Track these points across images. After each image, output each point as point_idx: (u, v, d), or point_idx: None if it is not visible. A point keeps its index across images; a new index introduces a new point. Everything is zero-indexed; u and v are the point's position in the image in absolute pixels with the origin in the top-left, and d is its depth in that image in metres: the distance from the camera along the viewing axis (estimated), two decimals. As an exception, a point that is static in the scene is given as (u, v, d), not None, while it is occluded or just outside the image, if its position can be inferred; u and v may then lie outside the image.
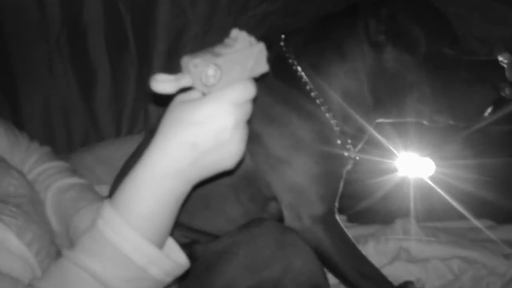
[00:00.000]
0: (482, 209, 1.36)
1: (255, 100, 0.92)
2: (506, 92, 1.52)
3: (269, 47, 0.98)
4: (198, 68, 0.56)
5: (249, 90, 0.59)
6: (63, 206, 0.91)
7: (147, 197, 0.59)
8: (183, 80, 0.57)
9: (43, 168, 0.96)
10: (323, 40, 0.94)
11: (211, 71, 0.56)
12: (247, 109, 0.60)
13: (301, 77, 0.94)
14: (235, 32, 0.61)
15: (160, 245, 0.62)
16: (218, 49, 0.59)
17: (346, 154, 0.98)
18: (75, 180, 0.96)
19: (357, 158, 1.02)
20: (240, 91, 0.58)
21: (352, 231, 1.32)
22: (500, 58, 1.49)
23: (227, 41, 0.60)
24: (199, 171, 0.60)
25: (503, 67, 1.50)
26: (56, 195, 0.92)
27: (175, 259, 0.62)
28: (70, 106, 1.35)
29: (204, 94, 0.58)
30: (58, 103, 1.34)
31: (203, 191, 0.96)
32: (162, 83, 0.56)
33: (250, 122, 0.62)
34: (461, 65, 0.90)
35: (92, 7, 1.26)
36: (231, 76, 0.58)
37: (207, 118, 0.57)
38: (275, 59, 0.95)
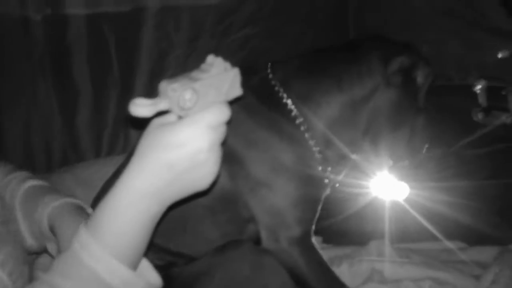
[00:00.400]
0: (454, 230, 1.40)
1: (239, 124, 0.95)
2: (479, 117, 1.58)
3: (254, 73, 1.02)
4: (176, 92, 0.58)
5: (224, 113, 0.62)
6: (28, 210, 0.92)
7: (123, 219, 0.61)
8: (161, 104, 0.59)
9: (5, 181, 0.97)
10: (317, 71, 0.98)
11: (188, 95, 0.59)
12: (222, 131, 0.63)
13: (286, 104, 0.97)
14: (211, 58, 0.64)
15: (135, 266, 0.63)
16: (195, 74, 0.62)
17: (326, 180, 1.01)
18: (33, 182, 0.96)
19: (337, 185, 1.05)
20: (215, 114, 0.61)
21: (328, 252, 1.35)
22: (474, 85, 1.55)
23: (203, 66, 0.63)
24: (174, 192, 0.62)
25: (476, 93, 1.56)
26: (21, 203, 0.93)
27: (148, 279, 0.64)
28: (51, 126, 1.35)
29: (180, 117, 0.61)
30: (39, 123, 1.34)
31: (180, 213, 0.99)
32: (140, 107, 0.59)
33: (225, 143, 0.65)
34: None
35: (76, 28, 1.28)
36: (207, 99, 0.60)
37: (184, 140, 0.59)
38: (261, 85, 0.98)
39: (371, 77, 0.94)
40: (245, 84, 0.98)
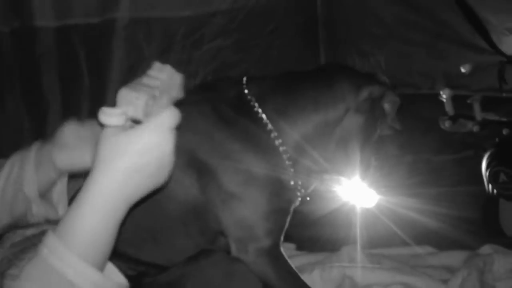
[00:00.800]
0: (424, 236, 1.43)
1: (214, 136, 0.96)
2: (446, 125, 1.62)
3: (229, 87, 1.04)
4: (140, 100, 0.62)
5: (178, 116, 0.65)
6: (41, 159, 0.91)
7: (91, 224, 0.62)
8: (129, 112, 0.62)
9: None
10: (294, 91, 1.02)
11: (150, 101, 0.62)
12: (175, 133, 0.65)
13: (261, 118, 0.99)
14: (158, 65, 0.67)
15: (102, 268, 0.64)
16: (146, 80, 0.65)
17: (297, 193, 1.03)
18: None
19: (308, 199, 1.07)
20: (173, 118, 0.64)
21: (300, 259, 1.36)
22: (440, 93, 1.60)
23: (151, 72, 0.67)
24: (139, 193, 0.65)
25: (442, 102, 1.60)
26: (35, 158, 0.92)
27: (117, 281, 0.66)
28: (20, 136, 1.34)
29: (133, 124, 0.63)
30: (8, 134, 1.33)
31: (152, 224, 0.99)
32: (112, 117, 0.61)
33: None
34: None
35: (46, 40, 1.28)
36: (162, 103, 0.64)
37: (152, 145, 0.62)
38: (236, 99, 1.00)
39: (343, 102, 1.00)
40: (220, 96, 1.01)
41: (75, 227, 0.62)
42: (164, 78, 0.66)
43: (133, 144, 0.62)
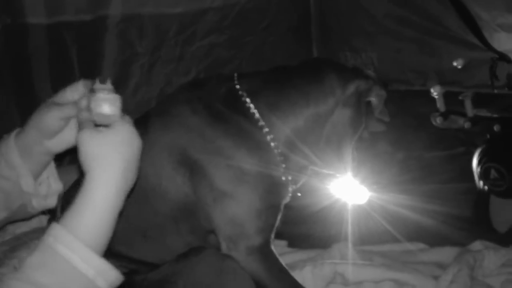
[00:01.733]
0: (415, 232, 1.43)
1: (206, 132, 0.97)
2: (437, 121, 1.63)
3: (221, 83, 1.04)
4: (117, 100, 0.75)
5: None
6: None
7: (96, 213, 0.68)
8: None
9: None
10: (286, 86, 1.02)
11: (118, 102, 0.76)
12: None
13: (254, 114, 1.00)
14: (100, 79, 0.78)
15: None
16: (101, 92, 0.76)
17: (290, 189, 1.03)
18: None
19: (299, 194, 1.07)
20: (130, 119, 0.76)
21: (292, 256, 1.36)
22: (432, 90, 1.60)
23: (99, 85, 0.77)
24: (133, 182, 0.74)
25: (434, 98, 1.61)
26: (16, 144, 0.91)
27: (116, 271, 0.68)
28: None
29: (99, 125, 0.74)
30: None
31: (142, 222, 0.99)
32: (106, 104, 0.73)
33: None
34: None
35: (37, 37, 1.27)
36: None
37: (131, 135, 0.74)
38: (228, 95, 1.00)
39: (333, 97, 1.01)
40: (212, 93, 1.01)
41: (80, 217, 0.67)
42: (111, 88, 0.77)
43: (120, 137, 0.72)
